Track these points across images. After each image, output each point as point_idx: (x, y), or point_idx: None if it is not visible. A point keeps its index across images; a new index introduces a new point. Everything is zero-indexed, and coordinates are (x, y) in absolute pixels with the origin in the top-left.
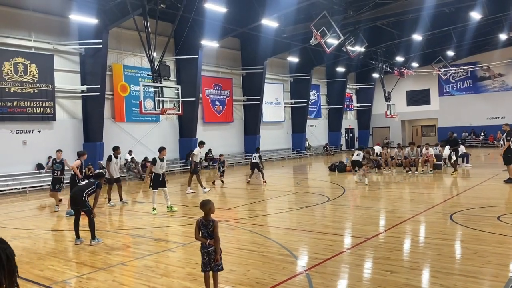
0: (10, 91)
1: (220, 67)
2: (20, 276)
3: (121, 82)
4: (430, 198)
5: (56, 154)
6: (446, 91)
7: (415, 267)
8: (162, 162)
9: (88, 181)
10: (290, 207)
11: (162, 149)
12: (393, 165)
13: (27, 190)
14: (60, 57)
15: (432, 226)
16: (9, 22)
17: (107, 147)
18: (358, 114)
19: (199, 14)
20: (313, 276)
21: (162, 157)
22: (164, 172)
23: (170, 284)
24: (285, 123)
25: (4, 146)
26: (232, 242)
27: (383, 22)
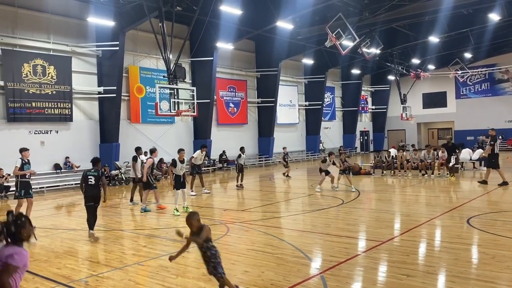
0: (29, 92)
1: (234, 69)
2: (38, 274)
3: (137, 84)
4: (447, 202)
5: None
6: (463, 94)
7: (432, 271)
8: (182, 163)
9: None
10: (304, 209)
11: (180, 151)
12: (409, 168)
13: (44, 189)
14: (77, 59)
15: (448, 230)
16: (29, 24)
17: (123, 148)
18: (373, 116)
19: (214, 17)
20: (328, 279)
21: (181, 158)
22: (184, 173)
23: (185, 284)
24: (299, 125)
25: (22, 146)
26: (246, 244)
27: (399, 24)
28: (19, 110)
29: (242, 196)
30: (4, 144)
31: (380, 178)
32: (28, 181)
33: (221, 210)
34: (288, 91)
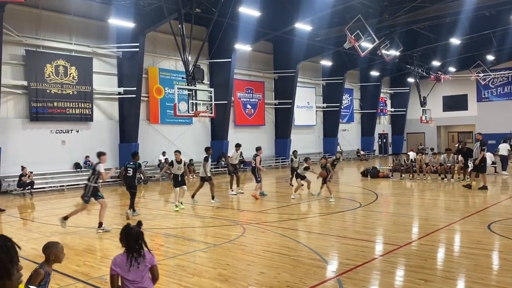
0: (51, 92)
1: (252, 71)
2: (58, 270)
3: (156, 85)
4: (467, 207)
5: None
6: (484, 97)
7: (451, 276)
8: (179, 164)
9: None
10: (321, 211)
11: (176, 152)
12: (428, 171)
13: (65, 188)
14: (98, 59)
15: (468, 236)
16: (52, 26)
17: (142, 148)
18: (392, 119)
19: (233, 18)
20: (345, 282)
21: (178, 159)
22: (183, 173)
23: (201, 284)
24: (317, 127)
25: (44, 145)
26: (262, 245)
27: (420, 25)
28: (42, 110)
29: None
30: (27, 143)
31: (398, 181)
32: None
33: (237, 210)
34: (305, 93)
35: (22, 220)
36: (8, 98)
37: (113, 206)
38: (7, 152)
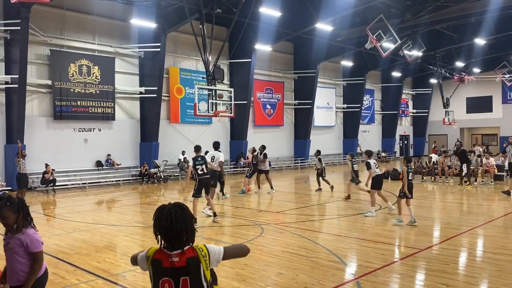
0: (75, 91)
1: (272, 71)
2: (80, 266)
3: (177, 85)
4: (490, 211)
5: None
6: (510, 99)
7: (474, 282)
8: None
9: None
10: (340, 213)
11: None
12: (450, 174)
13: (86, 185)
14: (120, 59)
15: (492, 240)
16: (76, 26)
17: (162, 147)
18: (413, 120)
19: (253, 19)
20: (364, 285)
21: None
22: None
23: (219, 283)
24: (337, 128)
25: (67, 143)
26: (281, 246)
27: (443, 25)
28: (65, 109)
29: (277, 198)
30: (50, 141)
31: (420, 184)
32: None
33: (255, 210)
34: (325, 93)
35: (45, 217)
36: (33, 97)
37: (134, 204)
38: (31, 150)
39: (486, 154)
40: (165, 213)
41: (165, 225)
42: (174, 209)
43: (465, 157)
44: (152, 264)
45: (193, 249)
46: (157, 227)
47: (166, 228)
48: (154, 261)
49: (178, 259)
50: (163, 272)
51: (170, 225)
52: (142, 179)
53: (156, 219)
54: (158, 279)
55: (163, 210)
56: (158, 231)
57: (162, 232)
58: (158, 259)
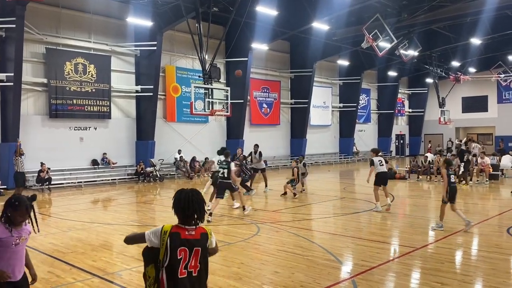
0: (70, 89)
1: (268, 70)
2: (75, 265)
3: (173, 83)
4: (485, 210)
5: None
6: (505, 98)
7: (468, 280)
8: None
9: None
10: (336, 212)
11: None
12: None
13: (82, 184)
14: (116, 58)
15: (486, 239)
16: (72, 24)
17: (158, 146)
18: (409, 119)
19: (250, 17)
20: (359, 283)
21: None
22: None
23: (215, 281)
24: (333, 127)
25: (62, 142)
26: (276, 244)
27: (439, 25)
28: (61, 107)
29: (273, 197)
30: (46, 140)
31: (415, 183)
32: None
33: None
34: (322, 93)
35: (41, 215)
36: (28, 95)
37: (130, 203)
38: (26, 148)
39: (481, 153)
40: (184, 194)
41: (184, 204)
42: (192, 192)
43: (463, 157)
44: (171, 236)
45: (203, 227)
46: (177, 205)
47: (184, 206)
48: (173, 233)
49: (194, 233)
50: (181, 243)
51: (188, 204)
52: (138, 178)
53: (176, 199)
54: (176, 248)
55: (182, 192)
56: (177, 209)
57: (181, 209)
58: (176, 232)
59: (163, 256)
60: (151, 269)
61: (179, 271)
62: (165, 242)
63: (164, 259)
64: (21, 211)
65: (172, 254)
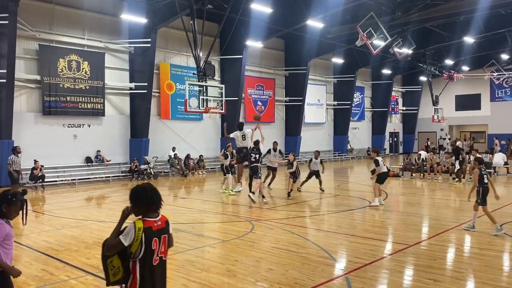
0: (64, 87)
1: (263, 68)
2: (69, 263)
3: (167, 81)
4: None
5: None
6: (498, 96)
7: (460, 277)
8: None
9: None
10: (330, 209)
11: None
12: (439, 171)
13: (76, 182)
14: (110, 55)
15: (479, 236)
16: (65, 21)
17: (152, 143)
18: (403, 117)
19: (245, 15)
20: (353, 280)
21: (230, 151)
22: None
23: (209, 279)
24: (327, 125)
25: (56, 139)
26: (271, 242)
27: (433, 23)
28: (54, 104)
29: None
30: (39, 137)
31: (409, 180)
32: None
33: (246, 207)
34: (316, 90)
35: (34, 213)
36: (21, 92)
37: (123, 201)
38: (20, 146)
39: (473, 151)
40: (147, 189)
41: (150, 197)
42: (150, 186)
43: (458, 154)
44: (145, 231)
45: (163, 215)
46: (142, 200)
47: (150, 199)
48: (146, 229)
49: (160, 222)
50: (154, 234)
51: (152, 196)
52: (132, 176)
53: (141, 194)
54: (151, 241)
55: (143, 187)
56: (142, 202)
57: (145, 203)
58: (149, 226)
59: (137, 250)
60: (116, 259)
61: (153, 260)
62: (140, 237)
63: (137, 251)
64: (16, 206)
65: (147, 247)
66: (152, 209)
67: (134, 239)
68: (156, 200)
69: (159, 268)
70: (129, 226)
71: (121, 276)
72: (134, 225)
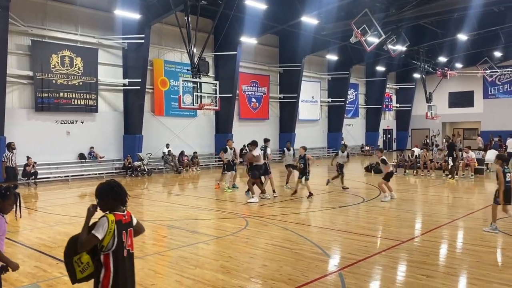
0: (57, 83)
1: (257, 64)
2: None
3: (161, 77)
4: (470, 203)
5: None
6: (491, 94)
7: (453, 273)
8: (230, 150)
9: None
10: (324, 206)
11: (229, 140)
12: (432, 168)
13: (69, 178)
14: (104, 51)
15: (471, 232)
16: (58, 16)
17: (146, 140)
18: (397, 114)
19: (239, 11)
20: (346, 276)
21: (230, 147)
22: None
23: (203, 275)
24: (321, 121)
25: (49, 135)
26: (265, 238)
27: (427, 21)
28: (47, 100)
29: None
30: (32, 133)
31: (402, 177)
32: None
33: (241, 203)
34: (310, 87)
35: (27, 210)
36: (13, 88)
37: None
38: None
39: (465, 148)
40: (113, 185)
41: (117, 192)
42: (116, 182)
43: (452, 151)
44: (117, 223)
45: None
46: (109, 195)
47: (118, 194)
48: (117, 221)
49: (127, 217)
50: (123, 227)
51: (120, 192)
52: (126, 172)
53: (107, 190)
54: (121, 233)
55: (109, 184)
56: (109, 199)
57: (113, 199)
58: (119, 219)
59: (109, 242)
60: (85, 255)
61: (123, 252)
62: (113, 230)
63: (110, 244)
64: (10, 200)
65: (118, 239)
66: (119, 204)
67: (107, 232)
68: (123, 195)
69: (129, 261)
70: (100, 220)
71: (91, 271)
72: (106, 218)
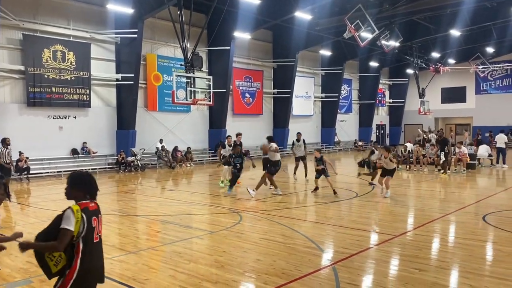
0: (49, 77)
1: (251, 59)
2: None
3: (154, 72)
4: (462, 198)
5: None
6: (483, 89)
7: (445, 266)
8: (229, 147)
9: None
10: (317, 201)
11: (228, 137)
12: (425, 163)
13: (62, 173)
14: (96, 45)
15: (463, 226)
16: (50, 10)
17: (139, 135)
18: (390, 110)
19: (232, 6)
20: (340, 270)
21: (229, 143)
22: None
23: (197, 270)
24: (315, 117)
25: (41, 130)
26: (259, 233)
27: (420, 16)
28: (39, 95)
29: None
30: (24, 128)
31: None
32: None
33: (234, 198)
34: (304, 83)
35: (19, 205)
36: (5, 82)
37: (110, 193)
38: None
39: (458, 143)
40: (88, 176)
41: (90, 184)
42: (90, 174)
43: (445, 146)
44: (84, 211)
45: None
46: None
47: (90, 186)
48: (84, 209)
49: (94, 204)
50: (92, 213)
51: (91, 182)
52: (119, 168)
53: (80, 179)
54: (90, 218)
55: (86, 173)
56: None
57: (85, 188)
58: (86, 207)
59: (79, 229)
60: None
61: (94, 237)
62: (80, 217)
63: (80, 231)
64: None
65: (88, 225)
66: (86, 197)
67: (75, 220)
68: (95, 187)
69: (99, 246)
70: (65, 213)
71: (64, 263)
72: (71, 210)
